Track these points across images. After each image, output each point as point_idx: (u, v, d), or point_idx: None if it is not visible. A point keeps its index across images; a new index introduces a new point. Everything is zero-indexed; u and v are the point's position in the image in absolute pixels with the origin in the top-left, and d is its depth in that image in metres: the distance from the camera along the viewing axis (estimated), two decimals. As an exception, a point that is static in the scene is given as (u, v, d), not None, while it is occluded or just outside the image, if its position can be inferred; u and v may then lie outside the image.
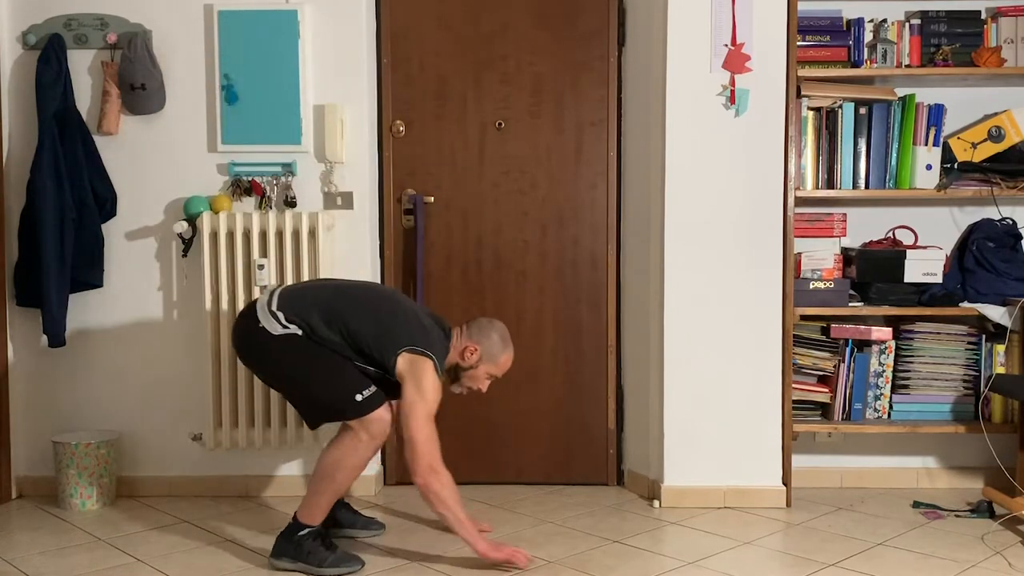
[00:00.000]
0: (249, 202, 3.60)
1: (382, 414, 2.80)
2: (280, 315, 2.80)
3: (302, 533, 2.84)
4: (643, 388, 3.63)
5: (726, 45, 3.38)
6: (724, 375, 3.45)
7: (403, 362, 2.77)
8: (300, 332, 2.79)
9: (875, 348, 3.52)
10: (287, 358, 2.81)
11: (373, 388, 2.80)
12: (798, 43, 3.43)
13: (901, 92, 3.53)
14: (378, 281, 3.71)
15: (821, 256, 3.50)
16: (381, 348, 2.79)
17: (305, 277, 3.48)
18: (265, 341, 2.81)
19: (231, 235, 3.49)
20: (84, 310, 3.62)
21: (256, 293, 3.47)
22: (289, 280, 3.47)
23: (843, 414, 3.55)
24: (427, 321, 2.89)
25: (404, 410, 2.76)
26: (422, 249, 3.68)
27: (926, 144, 3.49)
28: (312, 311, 2.81)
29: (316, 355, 2.80)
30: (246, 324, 2.86)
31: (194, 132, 3.60)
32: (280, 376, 2.90)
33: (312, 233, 3.48)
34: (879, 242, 3.64)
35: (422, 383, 2.76)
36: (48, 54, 3.49)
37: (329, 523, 2.99)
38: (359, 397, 2.77)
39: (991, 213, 3.65)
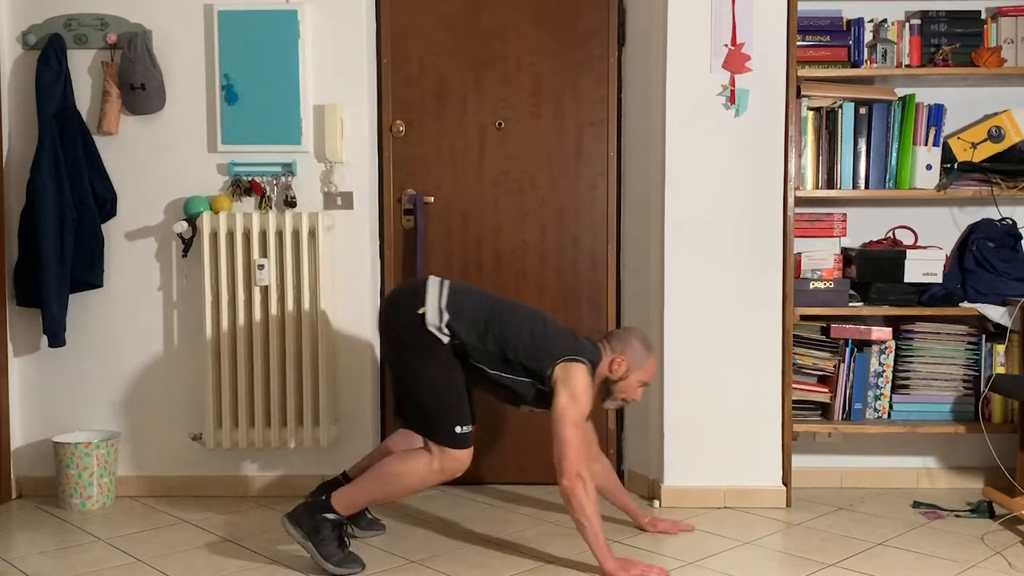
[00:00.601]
0: (249, 202, 3.60)
1: (464, 456, 2.80)
2: (446, 315, 2.79)
3: (328, 516, 2.81)
4: (643, 388, 3.63)
5: (726, 45, 3.38)
6: (724, 375, 3.45)
7: (560, 371, 2.79)
8: (449, 338, 2.79)
9: (875, 348, 3.52)
10: (421, 354, 2.79)
11: (471, 428, 2.82)
12: (798, 43, 3.43)
13: (901, 92, 3.53)
14: (379, 281, 3.72)
15: (821, 256, 3.50)
16: (536, 357, 2.80)
17: (305, 278, 3.48)
18: (416, 330, 2.78)
19: (231, 235, 3.49)
20: (84, 310, 3.62)
21: (256, 293, 3.47)
22: (289, 279, 3.47)
23: (843, 414, 3.55)
24: (575, 334, 2.94)
25: (556, 414, 2.75)
26: (422, 249, 3.68)
27: (926, 144, 3.49)
28: (471, 320, 2.81)
29: (447, 367, 2.80)
30: (409, 302, 2.82)
31: (194, 132, 3.60)
32: (409, 360, 2.85)
33: (312, 233, 3.48)
34: (879, 242, 3.64)
35: (576, 388, 2.77)
36: (48, 54, 3.49)
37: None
38: (458, 429, 2.78)
39: (991, 213, 3.65)
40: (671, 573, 2.81)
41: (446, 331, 2.80)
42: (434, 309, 2.80)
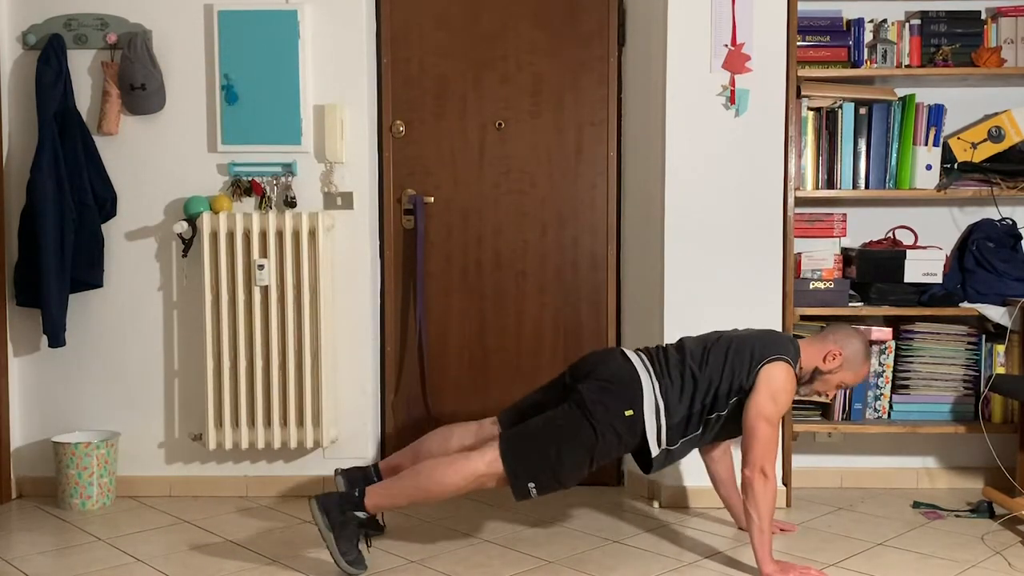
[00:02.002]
0: (249, 202, 3.60)
1: (501, 474, 2.76)
2: (660, 429, 2.81)
3: (358, 515, 2.76)
4: (643, 388, 3.63)
5: (726, 45, 3.38)
6: (724, 375, 3.44)
7: (763, 372, 2.79)
8: (662, 446, 2.82)
9: (875, 348, 3.52)
10: (595, 428, 2.75)
11: (536, 496, 2.78)
12: (798, 43, 3.43)
13: (901, 92, 3.53)
14: (379, 281, 3.72)
15: (821, 256, 3.50)
16: (740, 374, 2.81)
17: (305, 278, 3.47)
18: (618, 415, 2.77)
19: (231, 235, 3.48)
20: (84, 310, 3.62)
21: (256, 293, 3.47)
22: (289, 279, 3.47)
23: (843, 414, 3.55)
24: (773, 334, 2.97)
25: (754, 409, 2.75)
26: (422, 249, 3.68)
27: (926, 144, 3.49)
28: (678, 396, 2.82)
29: (601, 449, 2.77)
30: (621, 397, 2.80)
31: (194, 132, 3.60)
32: (571, 414, 2.79)
33: (312, 233, 3.48)
34: (879, 242, 3.64)
35: (774, 385, 2.77)
36: (48, 54, 3.49)
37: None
38: (532, 488, 2.76)
39: (991, 213, 3.65)
40: (671, 573, 2.81)
41: (662, 442, 2.82)
42: (652, 418, 2.80)
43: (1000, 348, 3.51)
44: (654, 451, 2.82)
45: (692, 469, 3.46)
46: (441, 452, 2.97)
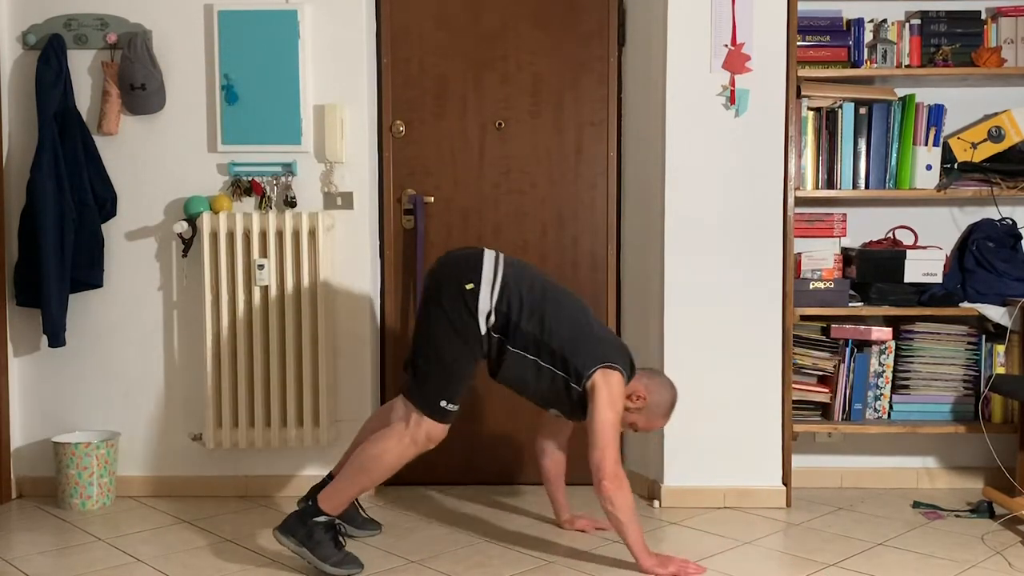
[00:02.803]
0: (249, 202, 3.61)
1: (438, 431, 2.80)
2: (496, 293, 2.78)
3: (318, 520, 2.80)
4: (643, 388, 3.63)
5: (726, 45, 3.38)
6: (724, 375, 3.45)
7: (601, 375, 2.79)
8: (492, 321, 2.78)
9: (875, 348, 3.52)
10: (450, 319, 2.77)
11: (457, 409, 2.81)
12: (798, 43, 3.43)
13: (901, 92, 3.53)
14: (379, 281, 3.72)
15: (821, 256, 3.50)
16: (578, 353, 2.80)
17: (305, 278, 3.48)
18: (457, 297, 2.77)
19: (231, 235, 3.49)
20: (84, 310, 3.62)
21: (256, 293, 3.47)
22: (289, 279, 3.47)
23: (843, 414, 3.55)
24: (621, 344, 2.95)
25: (599, 417, 2.75)
26: (422, 249, 3.68)
27: (926, 144, 3.49)
28: (523, 294, 2.81)
29: (467, 348, 2.79)
30: (460, 276, 2.80)
31: (194, 132, 3.60)
32: (432, 321, 2.81)
33: (312, 233, 3.48)
34: (879, 242, 3.64)
35: (614, 394, 2.79)
36: (48, 54, 3.49)
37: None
38: (443, 403, 2.78)
39: (991, 213, 3.65)
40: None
41: (491, 312, 2.78)
42: (487, 285, 2.79)
43: (1000, 348, 3.51)
44: (482, 327, 2.78)
45: (692, 469, 3.47)
46: (372, 433, 2.99)
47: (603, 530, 3.18)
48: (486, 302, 2.79)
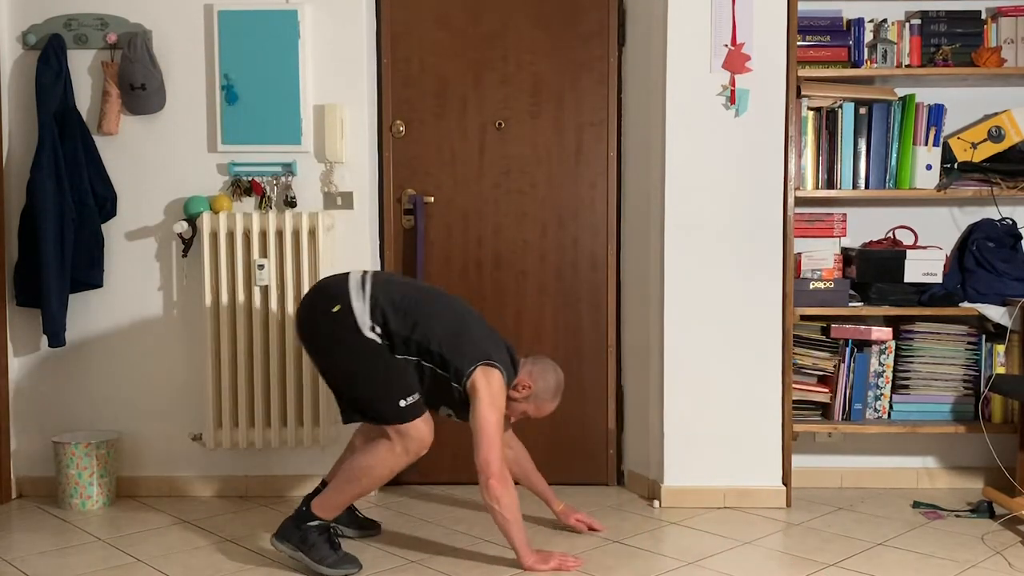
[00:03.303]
0: (249, 202, 3.61)
1: (422, 429, 2.79)
2: (368, 306, 2.77)
3: (311, 524, 2.82)
4: (643, 388, 3.63)
5: (726, 45, 3.38)
6: (724, 375, 3.45)
7: (479, 374, 2.78)
8: (375, 328, 2.77)
9: (875, 348, 3.52)
10: (347, 348, 2.78)
11: (417, 397, 2.80)
12: (798, 43, 3.43)
13: (901, 92, 3.53)
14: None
15: (821, 256, 3.50)
16: (457, 353, 2.80)
17: (305, 278, 3.48)
18: (334, 325, 2.77)
19: (231, 235, 3.49)
20: (84, 310, 3.62)
21: (256, 293, 3.48)
22: (289, 279, 3.47)
23: (843, 414, 3.55)
24: (500, 340, 2.94)
25: (480, 416, 2.75)
26: (422, 249, 3.68)
27: (926, 144, 3.49)
28: (395, 303, 2.80)
29: (375, 351, 2.78)
30: (323, 303, 2.81)
31: (194, 132, 3.60)
32: (333, 360, 2.84)
33: (312, 233, 3.48)
34: (879, 242, 3.64)
35: (492, 390, 2.78)
36: (48, 54, 3.49)
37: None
38: (402, 403, 2.77)
39: (991, 213, 3.65)
40: (671, 573, 2.81)
41: (371, 323, 2.77)
42: (359, 301, 2.79)
43: (1000, 348, 3.51)
44: (366, 331, 2.77)
45: (692, 469, 3.47)
46: (363, 445, 3.00)
47: (596, 531, 3.18)
48: (364, 317, 2.78)
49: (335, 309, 2.78)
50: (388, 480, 2.86)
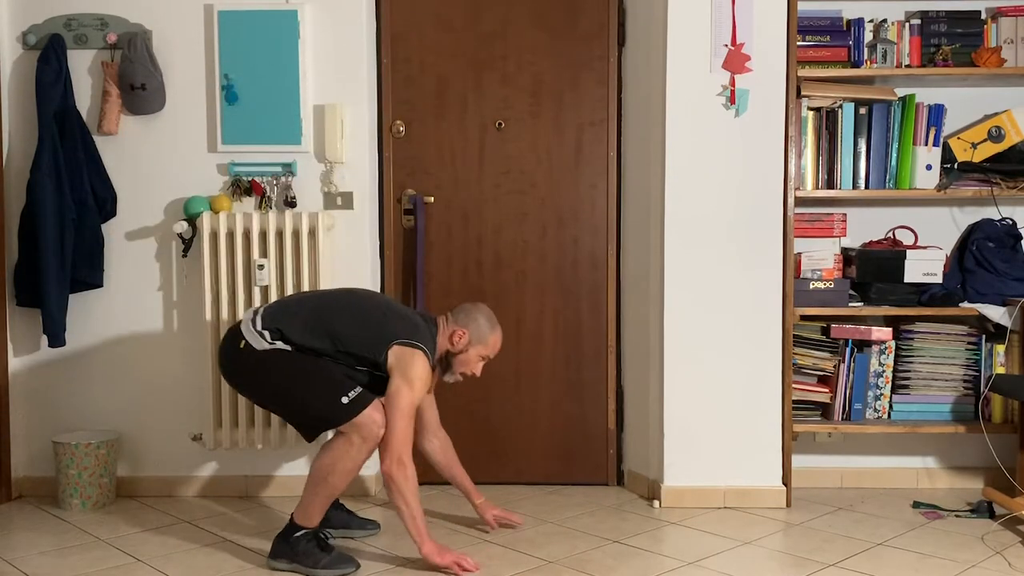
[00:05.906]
0: (249, 202, 3.61)
1: (372, 415, 2.78)
2: (266, 333, 2.82)
3: (298, 535, 2.85)
4: (643, 388, 3.63)
5: (726, 45, 3.38)
6: (724, 375, 3.45)
7: (393, 356, 2.80)
8: (287, 347, 2.81)
9: (875, 348, 3.52)
10: (272, 373, 2.82)
11: (359, 389, 2.80)
12: (798, 43, 3.43)
13: (901, 92, 3.53)
14: (379, 281, 3.72)
15: (821, 256, 3.50)
16: (371, 346, 2.82)
17: (305, 278, 3.48)
18: (250, 358, 2.83)
19: (231, 235, 3.49)
20: (84, 310, 3.62)
21: (256, 293, 3.48)
22: (289, 279, 3.47)
23: (843, 414, 3.55)
24: (411, 316, 2.94)
25: (389, 398, 2.77)
26: (422, 249, 3.68)
27: (926, 144, 3.49)
28: (295, 322, 2.84)
29: (300, 364, 2.81)
30: (231, 344, 2.87)
31: (194, 132, 3.60)
32: (267, 392, 2.90)
33: (312, 233, 3.48)
34: (879, 242, 3.64)
35: (409, 373, 2.78)
36: (48, 54, 3.49)
37: (323, 524, 2.98)
38: (345, 400, 2.77)
39: (991, 213, 3.65)
40: (671, 573, 2.81)
41: (276, 341, 2.81)
42: (250, 331, 2.84)
43: (1000, 348, 3.51)
44: (269, 346, 2.80)
45: (692, 469, 3.47)
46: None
47: (509, 527, 3.19)
48: (257, 340, 2.82)
49: (242, 345, 2.84)
50: (356, 473, 2.85)
